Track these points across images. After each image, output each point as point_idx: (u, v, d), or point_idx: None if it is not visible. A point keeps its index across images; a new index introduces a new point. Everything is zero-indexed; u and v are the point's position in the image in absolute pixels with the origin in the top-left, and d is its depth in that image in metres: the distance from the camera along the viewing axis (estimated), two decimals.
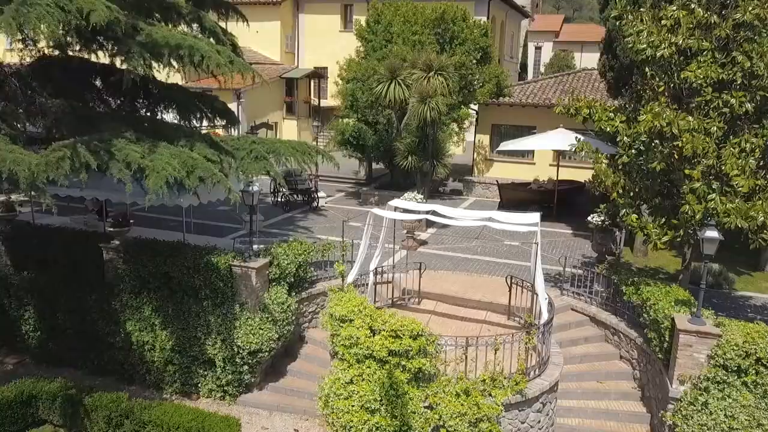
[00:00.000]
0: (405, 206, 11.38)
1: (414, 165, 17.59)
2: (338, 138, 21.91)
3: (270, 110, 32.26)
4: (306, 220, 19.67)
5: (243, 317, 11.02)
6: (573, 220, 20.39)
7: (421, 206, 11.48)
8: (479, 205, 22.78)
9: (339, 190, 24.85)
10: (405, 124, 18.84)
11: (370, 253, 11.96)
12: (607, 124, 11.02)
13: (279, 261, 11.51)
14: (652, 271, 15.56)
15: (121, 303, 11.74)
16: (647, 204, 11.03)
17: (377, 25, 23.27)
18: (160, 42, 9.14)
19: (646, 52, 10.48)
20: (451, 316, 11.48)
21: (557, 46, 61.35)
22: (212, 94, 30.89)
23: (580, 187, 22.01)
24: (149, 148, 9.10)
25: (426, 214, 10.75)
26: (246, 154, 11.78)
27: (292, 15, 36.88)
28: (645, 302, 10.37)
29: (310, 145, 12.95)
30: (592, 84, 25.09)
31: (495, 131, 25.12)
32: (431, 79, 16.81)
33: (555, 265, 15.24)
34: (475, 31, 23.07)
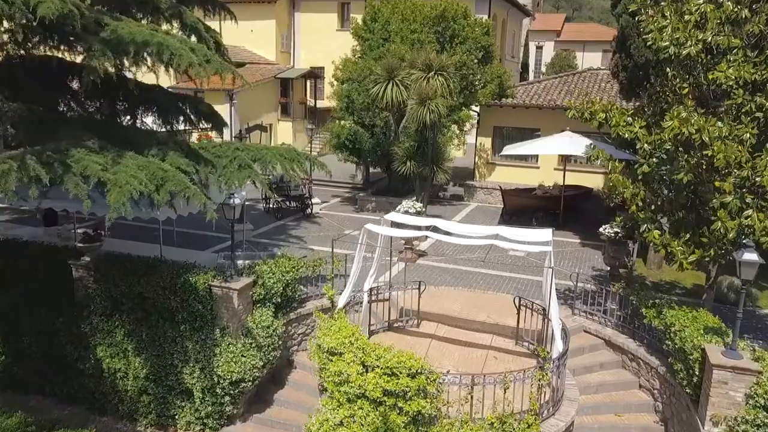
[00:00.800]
0: (402, 220, 10.33)
1: (413, 171, 16.56)
2: (333, 141, 20.88)
3: (264, 112, 31.21)
4: (299, 229, 18.63)
5: (224, 343, 9.98)
6: (580, 228, 19.37)
7: (420, 220, 10.44)
8: (481, 212, 21.77)
9: (334, 195, 23.82)
10: (403, 127, 17.82)
11: (366, 266, 10.94)
12: (624, 130, 9.98)
13: (264, 280, 10.48)
14: (668, 286, 14.55)
15: (91, 326, 10.70)
16: (668, 217, 9.99)
17: (374, 23, 22.22)
18: (125, 38, 8.11)
19: (669, 51, 9.45)
20: (453, 341, 10.44)
21: (558, 45, 60.35)
22: (201, 95, 30.03)
23: (587, 192, 21.00)
24: (113, 158, 8.07)
25: (426, 229, 9.70)
26: (229, 163, 10.75)
27: (288, 13, 35.83)
28: (669, 328, 9.34)
29: (299, 152, 11.92)
30: (599, 84, 24.08)
31: (497, 134, 24.12)
32: (431, 80, 15.78)
33: (564, 278, 14.20)
34: (476, 29, 22.02)
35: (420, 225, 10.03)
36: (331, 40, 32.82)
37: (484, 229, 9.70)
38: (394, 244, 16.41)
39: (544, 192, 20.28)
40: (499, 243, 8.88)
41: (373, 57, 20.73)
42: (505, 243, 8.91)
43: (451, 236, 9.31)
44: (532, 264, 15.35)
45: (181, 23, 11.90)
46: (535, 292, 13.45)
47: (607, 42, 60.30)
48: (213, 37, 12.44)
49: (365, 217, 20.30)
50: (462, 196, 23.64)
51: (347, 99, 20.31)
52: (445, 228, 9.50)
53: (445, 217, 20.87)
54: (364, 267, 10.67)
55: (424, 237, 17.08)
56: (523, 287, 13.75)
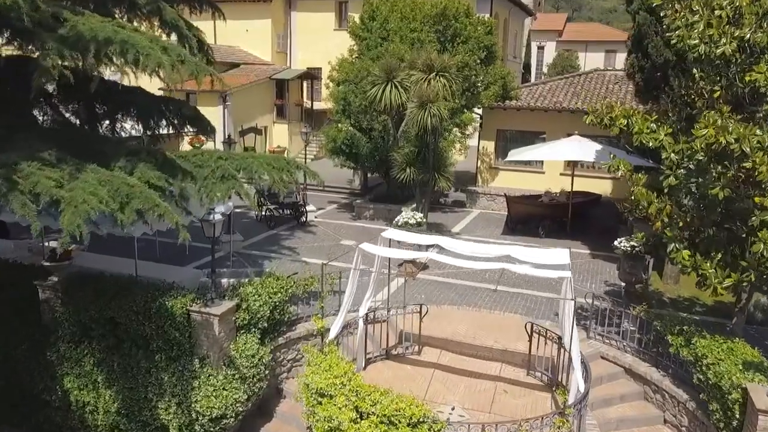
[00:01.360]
0: (402, 237, 9.31)
1: (413, 178, 15.55)
2: (329, 146, 19.87)
3: (259, 114, 30.21)
4: (292, 239, 17.62)
5: (203, 375, 8.97)
6: (590, 237, 18.37)
7: (421, 238, 9.41)
8: (484, 219, 20.77)
9: (331, 202, 22.81)
10: (402, 132, 16.82)
11: (363, 282, 9.95)
12: (648, 138, 8.98)
13: (249, 304, 9.47)
14: (687, 303, 13.54)
15: (58, 353, 9.70)
16: (696, 235, 8.99)
17: (372, 22, 21.21)
18: (85, 35, 7.11)
19: (699, 50, 8.46)
20: (458, 371, 9.43)
21: (560, 45, 59.35)
22: (194, 96, 29.03)
23: (596, 199, 20.00)
24: (71, 173, 7.07)
25: (428, 249, 8.69)
26: (210, 173, 9.73)
27: (284, 13, 34.82)
28: (700, 359, 8.33)
29: (289, 160, 10.90)
30: (606, 86, 23.10)
31: (500, 137, 23.13)
32: (432, 82, 14.78)
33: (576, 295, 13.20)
34: (479, 28, 21.02)
35: (421, 244, 8.98)
36: (329, 40, 31.79)
37: (492, 249, 8.69)
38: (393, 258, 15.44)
39: (551, 199, 19.27)
40: (510, 267, 7.86)
41: (370, 57, 19.74)
42: (517, 267, 7.89)
43: (456, 258, 8.28)
44: (541, 279, 14.32)
45: (161, 20, 10.88)
46: (546, 310, 12.46)
47: (610, 42, 59.53)
48: (196, 35, 11.43)
49: (362, 225, 19.30)
50: (464, 202, 22.64)
51: (343, 101, 19.30)
52: (449, 247, 8.49)
53: (446, 225, 20.06)
54: (362, 281, 9.68)
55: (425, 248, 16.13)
56: (532, 305, 12.74)
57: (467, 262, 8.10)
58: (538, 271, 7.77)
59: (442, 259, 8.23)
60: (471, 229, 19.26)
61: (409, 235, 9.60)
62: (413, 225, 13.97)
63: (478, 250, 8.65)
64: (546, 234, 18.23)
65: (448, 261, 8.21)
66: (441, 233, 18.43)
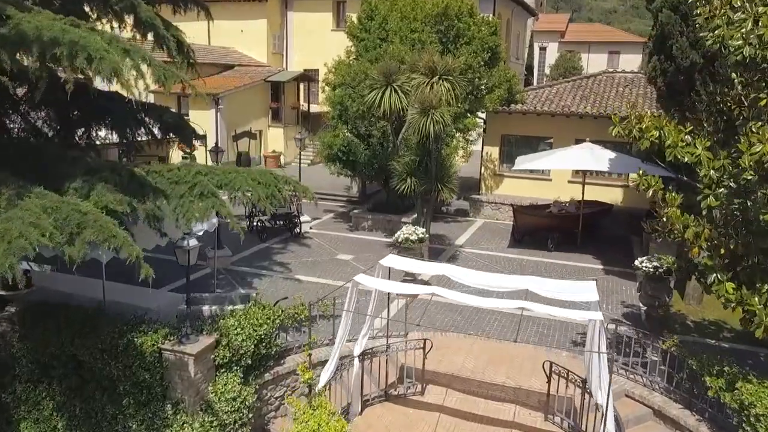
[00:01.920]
0: (403, 266, 8.20)
1: (414, 189, 14.45)
2: (325, 152, 18.76)
3: (253, 117, 29.11)
4: (285, 253, 16.50)
5: (177, 423, 7.88)
6: (602, 250, 17.28)
7: (425, 266, 8.28)
8: (489, 230, 19.67)
9: (327, 211, 21.69)
10: (403, 138, 15.72)
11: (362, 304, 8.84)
12: (683, 152, 7.88)
13: (230, 339, 8.37)
14: (713, 327, 12.44)
15: (14, 395, 8.59)
16: (738, 263, 7.89)
17: (371, 22, 20.11)
18: (28, 35, 6.03)
19: (744, 51, 7.37)
20: (466, 415, 8.33)
21: (563, 46, 58.28)
22: (188, 99, 27.92)
23: (607, 209, 18.90)
24: (9, 198, 5.98)
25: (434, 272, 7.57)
26: (187, 191, 8.63)
27: (280, 13, 33.73)
28: (746, 409, 7.24)
29: (278, 175, 9.80)
30: (616, 89, 22.01)
31: (505, 142, 22.06)
32: (435, 86, 13.69)
33: None
34: (482, 28, 19.92)
35: (426, 273, 7.86)
36: (326, 40, 30.70)
37: (507, 281, 7.58)
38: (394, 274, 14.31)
39: (560, 209, 18.17)
40: (530, 307, 6.75)
41: (368, 59, 18.63)
42: (537, 307, 6.78)
43: (467, 295, 7.17)
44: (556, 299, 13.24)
45: (135, 19, 9.77)
46: (561, 336, 11.35)
47: (613, 43, 58.49)
48: (175, 35, 10.32)
49: (360, 237, 18.20)
50: (467, 211, 21.53)
51: (340, 106, 18.20)
52: (458, 278, 7.38)
53: (448, 237, 18.95)
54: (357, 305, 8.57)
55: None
56: (545, 329, 11.63)
57: (480, 299, 7.00)
58: (562, 312, 6.67)
59: (450, 297, 7.10)
60: (475, 241, 18.17)
61: (412, 262, 8.46)
62: (415, 242, 12.89)
63: (491, 282, 7.53)
64: (555, 247, 17.15)
65: (458, 298, 7.09)
66: (442, 245, 17.38)
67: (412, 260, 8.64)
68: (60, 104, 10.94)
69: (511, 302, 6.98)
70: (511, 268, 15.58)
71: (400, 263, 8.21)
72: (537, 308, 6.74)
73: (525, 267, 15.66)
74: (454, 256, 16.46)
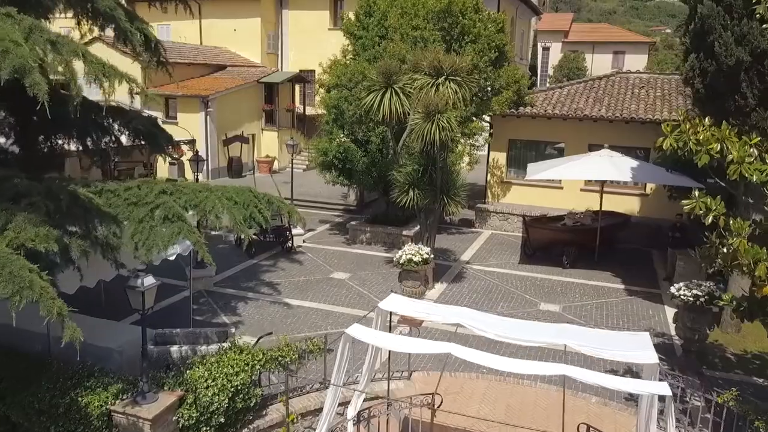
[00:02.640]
0: (409, 311, 6.70)
1: (417, 202, 13.01)
2: (319, 159, 17.29)
3: (246, 120, 27.64)
4: (275, 271, 15.03)
5: None
6: (621, 266, 15.83)
7: (436, 309, 6.77)
8: (497, 243, 18.21)
9: (323, 221, 20.24)
10: (403, 145, 14.27)
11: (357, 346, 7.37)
12: (751, 170, 6.42)
13: (198, 394, 6.91)
14: (758, 361, 10.99)
15: None
16: None
17: (369, 18, 18.66)
18: None
19: None
20: None
21: (566, 47, 56.87)
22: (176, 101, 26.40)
23: (625, 221, 17.44)
24: None
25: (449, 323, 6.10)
26: (148, 214, 7.19)
27: (275, 11, 32.30)
28: None
29: (259, 194, 8.34)
30: (631, 90, 20.58)
31: (512, 148, 20.63)
32: (441, 87, 12.24)
33: None
34: (488, 25, 18.48)
35: (436, 321, 6.38)
36: (323, 40, 29.27)
37: (539, 332, 6.09)
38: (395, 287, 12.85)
39: (575, 222, 16.71)
40: (575, 374, 5.27)
41: (366, 58, 17.18)
42: (582, 374, 5.30)
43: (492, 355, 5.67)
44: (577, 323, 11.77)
45: (92, 9, 8.33)
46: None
47: (618, 43, 57.05)
48: (141, 29, 8.86)
49: (358, 252, 16.73)
50: (472, 221, 20.07)
51: (335, 110, 16.75)
52: (479, 329, 5.89)
53: (453, 251, 17.46)
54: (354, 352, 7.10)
55: (431, 282, 13.59)
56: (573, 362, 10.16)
57: (509, 362, 5.51)
58: (616, 383, 5.19)
59: (471, 358, 5.57)
60: (483, 256, 16.71)
61: (418, 306, 6.95)
62: (419, 263, 11.43)
63: (520, 334, 6.01)
64: (570, 263, 15.69)
65: (481, 360, 5.55)
66: (447, 260, 15.93)
67: (417, 303, 7.12)
68: (21, 108, 9.54)
69: (549, 367, 5.51)
70: (524, 287, 14.13)
71: (403, 306, 6.70)
72: (584, 377, 5.27)
73: (539, 287, 14.21)
74: (460, 274, 15.01)
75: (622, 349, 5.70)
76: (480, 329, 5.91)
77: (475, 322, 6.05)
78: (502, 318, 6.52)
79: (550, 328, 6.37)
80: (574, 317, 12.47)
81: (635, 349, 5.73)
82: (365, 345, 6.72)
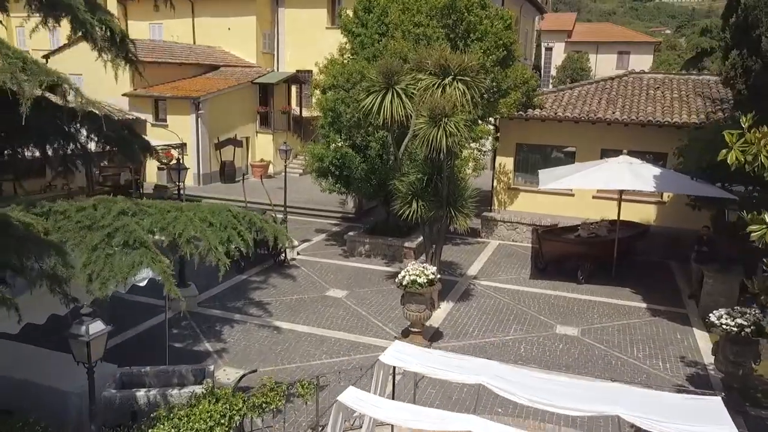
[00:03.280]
0: (416, 365, 5.39)
1: (421, 214, 11.82)
2: (315, 166, 16.09)
3: (239, 123, 26.45)
4: (265, 288, 13.82)
5: None
6: (640, 281, 14.65)
7: (453, 362, 5.43)
8: (505, 254, 17.02)
9: (319, 230, 19.05)
10: (406, 151, 13.08)
11: None
12: None
13: None
14: None
15: None
16: None
17: (368, 15, 17.47)
18: None
19: None
20: None
21: (569, 47, 55.70)
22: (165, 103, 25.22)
23: (643, 232, 16.25)
24: None
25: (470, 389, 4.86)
26: (105, 239, 6.00)
27: (271, 9, 31.10)
28: None
29: (239, 213, 7.12)
30: (647, 92, 19.42)
31: (520, 152, 19.46)
32: (448, 88, 11.05)
33: (643, 381, 9.51)
34: (495, 23, 17.28)
35: (455, 378, 5.09)
36: (321, 39, 28.05)
37: (584, 396, 4.84)
38: (394, 317, 11.65)
39: (590, 233, 15.51)
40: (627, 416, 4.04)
41: (365, 56, 16.00)
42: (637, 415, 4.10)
43: None
44: (594, 355, 10.59)
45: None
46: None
47: (622, 43, 55.89)
48: (106, 22, 7.67)
49: (356, 265, 15.54)
50: (478, 230, 18.86)
51: (332, 112, 15.56)
52: (507, 390, 4.67)
53: (459, 264, 16.23)
54: None
55: (436, 302, 12.40)
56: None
57: None
58: None
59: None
60: (491, 270, 15.51)
61: (429, 357, 5.64)
62: (424, 285, 10.23)
63: (561, 399, 4.75)
64: (586, 278, 14.49)
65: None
66: (453, 275, 14.72)
67: (429, 355, 5.79)
68: None
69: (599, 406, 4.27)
70: (537, 307, 12.93)
71: (410, 359, 5.41)
72: (640, 420, 4.05)
73: (554, 306, 13.01)
74: (467, 291, 13.81)
75: (690, 421, 4.49)
76: (509, 392, 4.70)
77: (503, 381, 4.84)
78: (533, 372, 5.32)
79: (596, 390, 5.15)
80: (595, 342, 11.27)
81: (706, 422, 4.52)
82: None
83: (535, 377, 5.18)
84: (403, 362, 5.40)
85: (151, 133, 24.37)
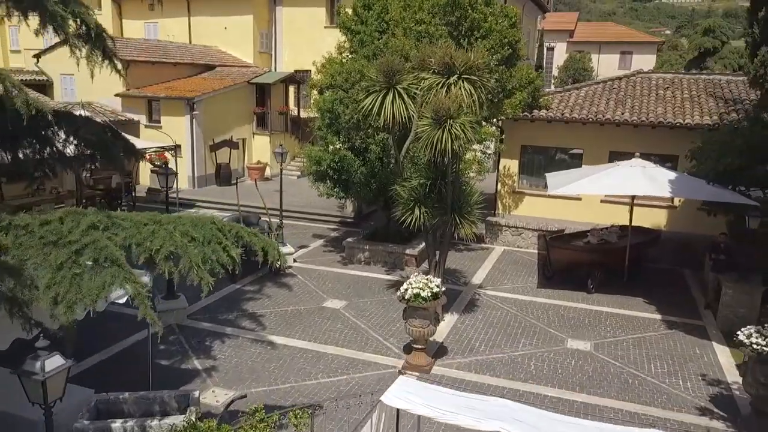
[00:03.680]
0: (425, 409, 4.68)
1: (424, 221, 11.13)
2: (312, 169, 15.39)
3: (235, 124, 25.76)
4: (259, 298, 13.10)
5: None
6: (653, 290, 13.96)
7: (466, 404, 4.71)
8: (510, 261, 16.32)
9: (316, 235, 18.35)
10: (407, 155, 12.39)
11: None
12: None
13: None
14: None
15: None
16: None
17: (367, 12, 16.78)
18: None
19: None
20: None
21: (571, 46, 55.03)
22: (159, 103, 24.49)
23: (655, 238, 15.56)
24: None
25: None
26: (72, 256, 5.32)
27: (268, 8, 30.42)
28: None
29: (224, 226, 6.43)
30: (656, 92, 18.76)
31: (525, 154, 18.80)
32: (453, 88, 10.36)
33: (664, 403, 8.85)
34: (500, 20, 16.60)
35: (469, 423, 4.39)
36: (319, 38, 27.37)
37: None
38: (392, 326, 10.92)
39: (600, 239, 14.82)
40: None
41: (365, 55, 15.31)
42: None
43: None
44: (609, 372, 9.88)
45: None
46: None
47: (625, 43, 55.25)
48: (78, 14, 6.98)
49: (355, 273, 14.84)
50: (482, 236, 18.15)
51: (329, 114, 14.86)
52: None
53: (462, 272, 15.50)
54: None
55: (441, 314, 11.69)
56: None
57: None
58: None
59: None
60: (496, 279, 14.82)
61: (439, 398, 4.89)
62: (427, 299, 9.53)
63: None
64: (596, 287, 13.81)
65: None
66: (457, 284, 14.03)
67: (438, 394, 5.02)
68: None
69: None
70: (546, 318, 12.24)
71: (415, 399, 4.64)
72: None
73: (564, 318, 12.32)
74: (472, 301, 13.12)
75: None
76: None
77: (523, 428, 4.15)
78: (556, 416, 4.60)
79: None
80: (609, 357, 10.58)
81: None
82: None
83: (558, 420, 4.47)
84: (409, 404, 4.66)
85: (144, 134, 23.71)
